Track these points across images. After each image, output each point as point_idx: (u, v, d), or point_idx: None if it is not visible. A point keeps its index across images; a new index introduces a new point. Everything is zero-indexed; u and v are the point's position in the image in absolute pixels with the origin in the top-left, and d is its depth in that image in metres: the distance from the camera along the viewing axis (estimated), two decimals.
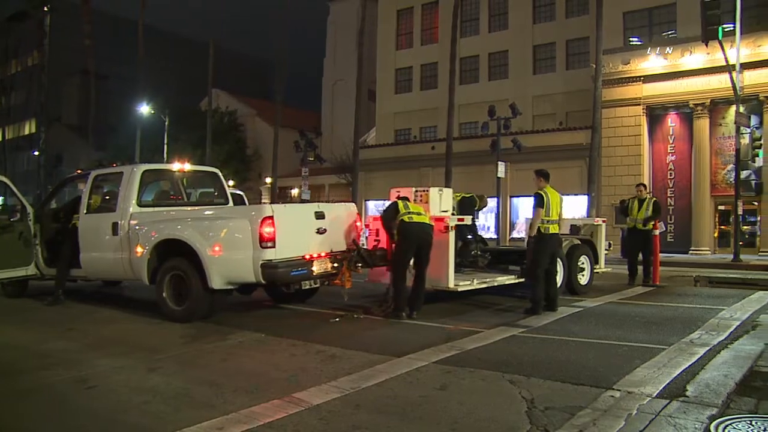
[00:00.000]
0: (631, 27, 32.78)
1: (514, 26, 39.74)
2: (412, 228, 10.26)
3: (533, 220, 10.85)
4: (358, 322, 10.02)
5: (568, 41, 37.71)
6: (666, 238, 28.52)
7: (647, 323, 9.77)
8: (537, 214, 10.79)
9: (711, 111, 29.21)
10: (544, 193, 10.92)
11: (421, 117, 43.11)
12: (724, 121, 29.06)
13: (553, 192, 11.10)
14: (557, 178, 31.79)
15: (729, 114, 28.32)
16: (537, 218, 10.79)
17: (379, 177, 39.24)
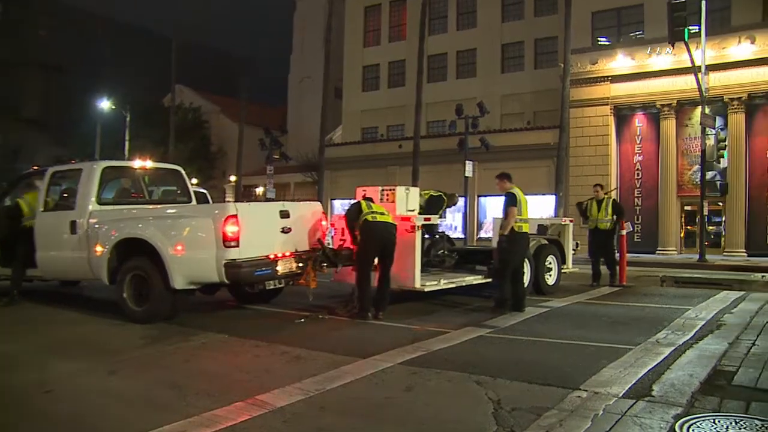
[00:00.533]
0: (600, 27, 33.15)
1: (483, 24, 39.95)
2: (376, 227, 10.27)
3: (507, 219, 10.92)
4: (323, 323, 10.00)
5: (536, 40, 38.01)
6: (633, 238, 28.85)
7: (614, 323, 9.88)
8: (511, 213, 10.89)
9: (677, 112, 29.66)
10: (516, 193, 11.06)
11: (389, 115, 43.16)
12: (690, 122, 29.50)
13: (521, 192, 11.24)
14: (525, 177, 32.26)
15: (695, 115, 28.76)
16: (511, 217, 10.88)
17: (346, 176, 39.19)
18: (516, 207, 10.89)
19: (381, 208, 10.69)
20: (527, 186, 31.76)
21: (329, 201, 40.06)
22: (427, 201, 13.25)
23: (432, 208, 13.06)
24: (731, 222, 28.58)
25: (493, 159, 30.50)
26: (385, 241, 10.30)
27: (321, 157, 36.88)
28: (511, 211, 10.90)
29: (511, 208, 10.90)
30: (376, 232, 10.27)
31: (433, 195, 13.49)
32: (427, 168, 33.31)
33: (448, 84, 40.67)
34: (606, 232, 15.02)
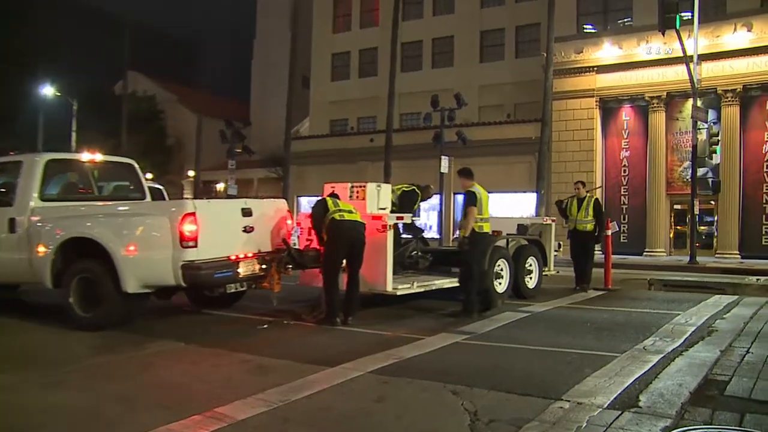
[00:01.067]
0: (585, 13, 33.43)
1: (461, 10, 40.08)
2: (343, 226, 10.26)
3: (467, 220, 11.08)
4: (288, 329, 9.96)
5: (518, 27, 38.23)
6: (619, 239, 29.14)
7: (598, 329, 9.95)
8: (470, 212, 11.04)
9: (667, 104, 29.95)
10: (476, 191, 11.17)
11: (360, 106, 43.14)
12: (681, 116, 29.80)
13: (483, 190, 11.39)
14: (504, 174, 32.53)
15: (686, 108, 29.01)
16: (471, 217, 11.03)
17: (313, 171, 39.08)
18: (475, 206, 11.04)
19: (348, 205, 10.70)
20: (506, 183, 32.45)
21: (295, 198, 39.93)
22: (400, 197, 13.26)
23: (405, 203, 13.08)
24: (724, 222, 28.87)
25: (470, 154, 30.60)
26: (353, 242, 10.29)
27: (287, 151, 36.74)
28: (470, 210, 11.04)
29: (470, 208, 11.04)
30: (344, 232, 10.26)
31: (405, 190, 13.49)
32: (400, 163, 33.33)
33: (423, 74, 40.75)
34: (586, 233, 15.00)
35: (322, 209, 10.47)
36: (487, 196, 11.42)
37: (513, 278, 13.14)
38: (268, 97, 55.03)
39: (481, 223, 11.16)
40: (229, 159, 34.95)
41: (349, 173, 34.93)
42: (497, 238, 12.84)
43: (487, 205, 11.33)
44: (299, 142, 41.02)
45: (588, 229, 14.94)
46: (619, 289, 15.59)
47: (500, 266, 12.88)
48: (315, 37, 45.77)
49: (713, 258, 27.61)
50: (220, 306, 11.68)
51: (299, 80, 42.42)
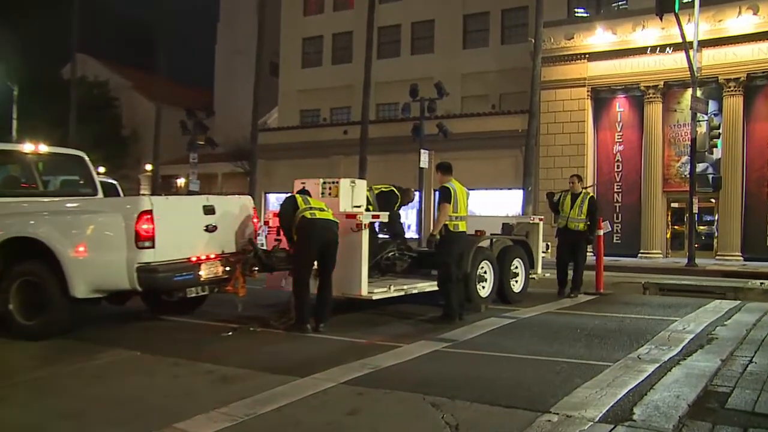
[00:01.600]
0: None
1: None
2: (315, 225, 10.25)
3: (439, 217, 11.21)
4: (255, 337, 9.95)
5: (503, 11, 38.29)
6: (612, 240, 29.22)
7: (589, 336, 10.01)
8: (443, 209, 11.14)
9: (664, 95, 30.10)
10: (450, 187, 11.25)
11: (333, 96, 43.04)
12: (679, 107, 29.95)
13: (460, 186, 11.48)
14: (488, 169, 32.62)
15: (684, 98, 29.15)
16: (444, 214, 11.14)
17: (282, 166, 38.99)
18: (449, 203, 11.12)
19: (320, 203, 10.70)
20: (491, 179, 32.55)
21: (263, 195, 39.82)
22: (377, 197, 13.25)
23: (382, 204, 13.06)
24: (725, 221, 28.96)
25: (452, 148, 30.59)
26: (325, 242, 10.28)
27: (253, 143, 36.57)
28: (443, 207, 11.16)
29: (443, 205, 11.15)
30: (316, 232, 10.24)
31: (383, 190, 13.49)
32: (376, 158, 33.31)
33: (401, 61, 40.73)
34: (577, 233, 14.77)
35: (292, 207, 10.45)
36: (464, 192, 11.47)
37: (497, 282, 13.17)
38: (233, 85, 54.73)
39: (456, 222, 11.23)
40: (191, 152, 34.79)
41: (321, 168, 34.89)
42: (480, 238, 12.88)
43: (463, 202, 11.39)
44: (267, 134, 40.89)
45: (580, 228, 14.72)
46: (612, 294, 15.68)
47: (484, 269, 12.91)
48: (284, 21, 45.62)
49: (713, 260, 27.74)
50: (180, 312, 11.60)
51: (267, 67, 42.29)
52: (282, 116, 45.74)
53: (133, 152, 54.00)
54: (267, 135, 40.63)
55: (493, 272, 13.05)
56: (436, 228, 11.19)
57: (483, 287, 12.86)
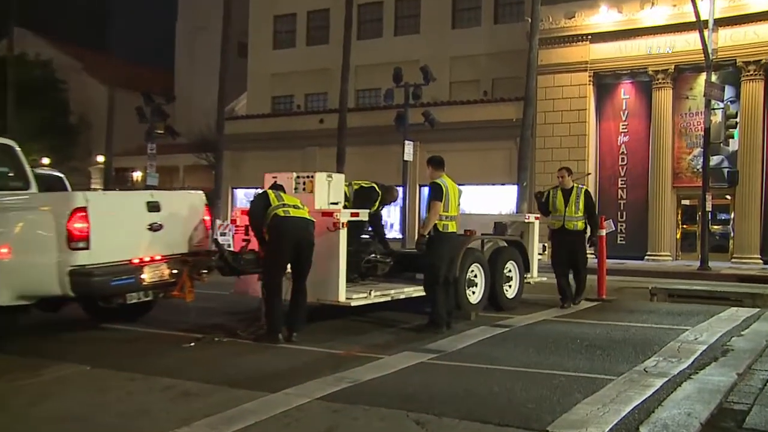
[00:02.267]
0: None
1: None
2: (288, 224, 10.23)
3: (429, 216, 11.21)
4: (220, 348, 9.93)
5: None
6: (615, 240, 29.36)
7: (590, 347, 10.05)
8: (434, 208, 11.16)
9: (675, 80, 30.24)
10: (442, 184, 11.29)
11: (308, 81, 42.97)
12: (692, 94, 30.09)
13: (452, 182, 11.50)
14: (480, 162, 32.67)
15: (698, 84, 29.27)
16: (434, 213, 11.15)
17: (252, 158, 38.92)
18: (440, 201, 11.15)
19: (294, 199, 10.68)
20: (482, 173, 32.61)
21: (230, 190, 39.82)
22: (356, 193, 13.21)
23: (361, 202, 13.02)
24: (742, 220, 29.19)
25: (439, 139, 30.66)
26: (300, 242, 10.26)
27: (219, 133, 36.45)
28: (433, 205, 11.17)
29: (434, 203, 11.17)
30: (289, 231, 10.22)
31: (363, 186, 13.41)
32: (355, 149, 33.30)
33: (384, 42, 40.70)
34: (576, 234, 14.30)
35: (263, 204, 10.43)
36: (456, 189, 11.49)
37: (489, 286, 13.19)
38: (196, 67, 54.60)
39: (446, 222, 11.25)
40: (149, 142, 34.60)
41: (295, 161, 34.86)
42: (470, 239, 12.89)
43: (455, 200, 11.42)
44: (235, 123, 40.83)
45: (579, 228, 14.23)
46: (616, 300, 15.75)
47: (474, 272, 12.93)
48: None
49: (729, 263, 27.95)
50: (127, 319, 11.55)
51: (234, 47, 42.15)
52: (251, 103, 45.64)
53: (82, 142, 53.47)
54: (234, 124, 40.57)
55: (484, 276, 13.07)
56: (426, 228, 11.21)
57: (473, 293, 12.89)
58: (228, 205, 38.72)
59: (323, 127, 36.86)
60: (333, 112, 35.54)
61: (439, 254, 11.28)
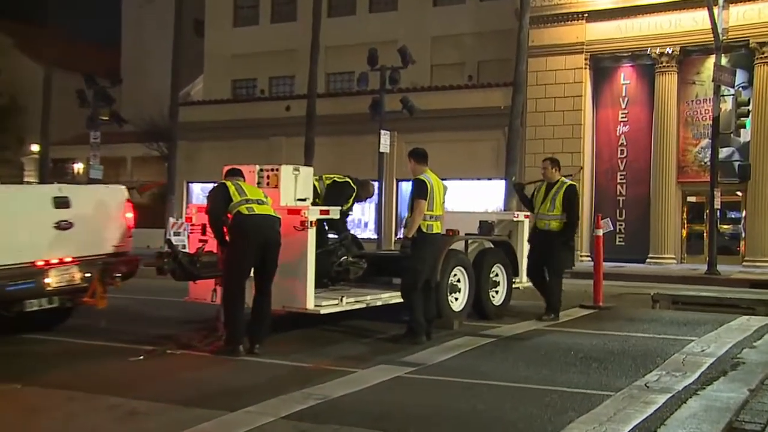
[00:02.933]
0: None
1: None
2: (252, 222, 10.21)
3: (413, 217, 11.20)
4: (173, 361, 9.92)
5: None
6: (614, 241, 29.43)
7: (585, 359, 10.11)
8: (418, 207, 11.16)
9: (680, 63, 30.30)
10: (426, 180, 11.31)
11: (272, 62, 42.83)
12: (699, 78, 30.20)
13: (437, 178, 11.54)
14: (464, 155, 32.73)
15: (706, 68, 29.37)
16: (419, 213, 11.16)
17: (209, 149, 38.79)
18: (425, 199, 11.17)
19: (258, 192, 10.68)
20: (466, 167, 32.65)
21: (185, 184, 39.65)
22: (329, 189, 13.21)
23: (335, 199, 12.98)
24: (755, 219, 29.27)
25: (419, 128, 30.68)
26: (265, 243, 10.25)
27: (173, 121, 36.31)
28: (418, 204, 11.17)
29: (419, 201, 11.17)
30: (253, 230, 10.20)
31: (337, 181, 13.43)
32: (326, 140, 33.25)
33: (357, 20, 40.61)
34: (548, 234, 13.96)
35: (223, 198, 10.40)
36: (441, 186, 11.52)
37: (474, 292, 13.25)
38: (146, 46, 54.25)
39: (431, 222, 11.26)
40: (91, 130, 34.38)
41: (258, 152, 34.70)
42: (452, 239, 12.91)
43: (440, 198, 11.44)
44: (190, 110, 40.63)
45: (552, 227, 13.84)
46: (614, 307, 15.81)
47: (457, 276, 12.99)
48: None
49: (739, 267, 28.04)
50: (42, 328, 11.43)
51: (190, 25, 42.03)
52: (208, 87, 45.44)
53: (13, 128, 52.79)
54: (190, 110, 40.38)
55: (468, 281, 13.12)
56: (411, 230, 11.18)
57: (456, 299, 12.94)
58: (183, 201, 38.58)
59: (290, 115, 36.74)
60: (301, 98, 35.49)
61: (421, 257, 11.27)
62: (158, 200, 40.19)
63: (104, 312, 11.32)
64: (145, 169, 45.90)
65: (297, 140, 33.29)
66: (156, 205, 39.42)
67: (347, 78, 38.84)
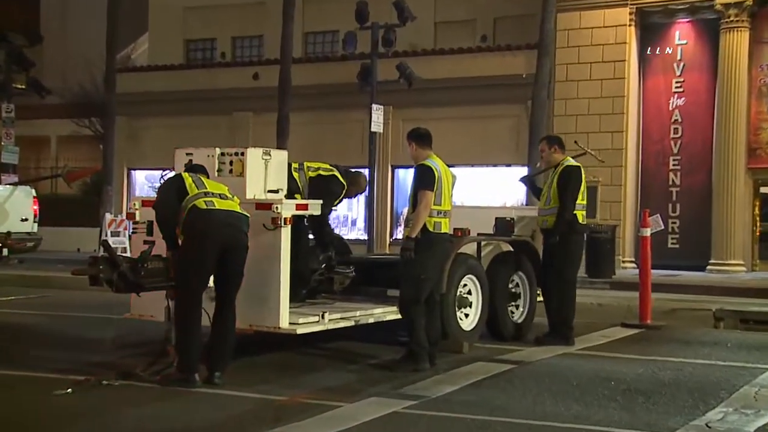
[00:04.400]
0: None
1: None
2: (211, 219, 10.19)
3: (420, 211, 11.19)
4: (111, 394, 9.89)
5: None
6: (665, 243, 29.48)
7: (629, 392, 10.16)
8: (424, 200, 11.16)
9: (754, 17, 30.03)
10: (433, 166, 11.32)
11: (236, 18, 42.84)
12: None
13: (444, 165, 11.56)
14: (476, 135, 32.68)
15: None
16: (425, 207, 11.16)
17: (156, 127, 38.81)
18: (432, 191, 11.18)
19: (221, 186, 10.65)
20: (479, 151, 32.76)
21: (126, 172, 39.57)
22: (313, 183, 13.19)
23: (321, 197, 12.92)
24: None
25: (420, 102, 30.74)
26: (228, 245, 10.26)
27: (109, 92, 36.31)
28: (423, 197, 11.18)
29: (424, 193, 11.19)
30: (213, 229, 10.19)
31: (322, 174, 13.38)
32: (304, 116, 33.29)
33: None
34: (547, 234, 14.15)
35: (176, 192, 10.40)
36: (450, 175, 11.57)
37: (488, 307, 13.33)
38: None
39: (438, 219, 11.29)
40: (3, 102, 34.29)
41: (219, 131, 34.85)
42: (461, 240, 12.94)
43: (448, 189, 11.47)
44: (132, 77, 40.59)
45: (549, 224, 14.06)
46: (665, 326, 15.87)
47: (467, 287, 13.07)
48: None
49: None
50: None
51: None
52: (155, 49, 45.38)
53: None
54: (131, 78, 40.33)
55: (481, 293, 13.19)
56: (415, 228, 11.19)
57: (466, 315, 13.02)
58: (123, 193, 38.61)
59: (258, 85, 36.78)
60: (272, 64, 35.43)
61: (425, 263, 11.27)
62: (91, 191, 40.14)
63: (20, 332, 11.33)
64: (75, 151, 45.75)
65: (267, 117, 33.37)
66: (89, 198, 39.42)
67: (330, 39, 38.90)
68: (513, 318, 13.98)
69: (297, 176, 12.89)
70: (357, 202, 33.49)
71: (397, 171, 35.35)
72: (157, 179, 10.79)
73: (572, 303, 13.90)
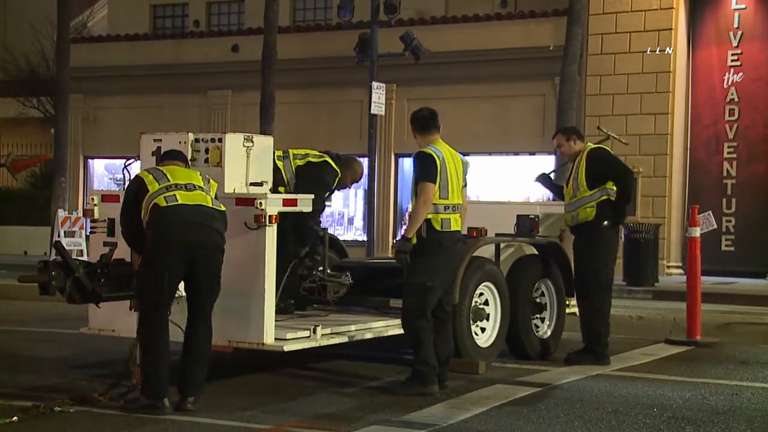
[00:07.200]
0: None
1: None
2: (174, 218, 10.12)
3: (416, 207, 11.20)
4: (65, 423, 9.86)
5: None
6: (718, 245, 29.54)
7: (675, 421, 10.16)
8: (425, 193, 11.14)
9: None
10: (435, 153, 11.29)
11: None
12: None
13: (451, 151, 11.53)
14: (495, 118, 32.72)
15: None
16: (425, 202, 11.13)
17: (118, 107, 38.92)
18: (434, 182, 11.14)
19: (191, 174, 10.60)
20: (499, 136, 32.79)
21: (82, 161, 39.61)
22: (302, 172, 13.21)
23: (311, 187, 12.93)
24: None
25: (428, 80, 30.84)
26: (197, 247, 10.20)
27: (62, 66, 36.42)
28: (423, 189, 11.15)
29: (424, 185, 11.16)
30: (176, 227, 10.12)
31: (312, 161, 13.39)
32: (292, 95, 33.40)
33: None
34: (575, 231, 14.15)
35: (134, 195, 10.31)
36: (460, 162, 11.56)
37: (508, 320, 13.37)
38: None
39: (445, 215, 11.25)
40: None
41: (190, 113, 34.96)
42: (476, 242, 12.97)
43: (457, 180, 11.44)
44: (88, 49, 40.64)
45: (580, 219, 13.99)
46: (718, 343, 15.90)
47: (483, 297, 13.12)
48: None
49: None
50: None
51: None
52: (115, 16, 45.47)
53: None
54: (87, 50, 40.39)
55: (500, 303, 13.23)
56: (412, 227, 11.16)
57: (482, 330, 13.08)
58: (79, 186, 38.68)
59: (238, 59, 36.88)
60: (254, 34, 35.55)
61: (430, 269, 11.22)
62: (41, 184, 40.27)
63: None
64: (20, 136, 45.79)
65: (249, 96, 33.49)
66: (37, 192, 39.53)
67: (322, 4, 39.00)
68: (538, 333, 14.00)
69: (281, 165, 12.86)
70: (354, 197, 33.63)
71: (401, 160, 35.35)
72: (119, 170, 10.79)
73: (607, 313, 13.83)
